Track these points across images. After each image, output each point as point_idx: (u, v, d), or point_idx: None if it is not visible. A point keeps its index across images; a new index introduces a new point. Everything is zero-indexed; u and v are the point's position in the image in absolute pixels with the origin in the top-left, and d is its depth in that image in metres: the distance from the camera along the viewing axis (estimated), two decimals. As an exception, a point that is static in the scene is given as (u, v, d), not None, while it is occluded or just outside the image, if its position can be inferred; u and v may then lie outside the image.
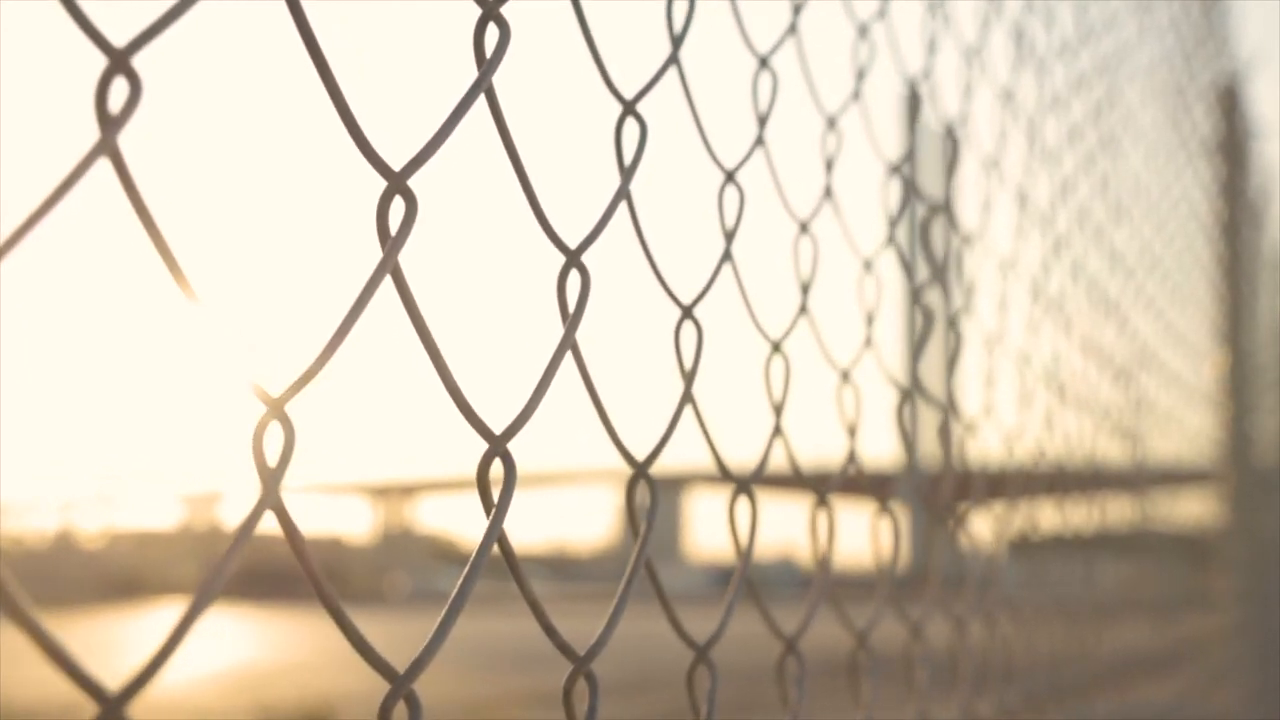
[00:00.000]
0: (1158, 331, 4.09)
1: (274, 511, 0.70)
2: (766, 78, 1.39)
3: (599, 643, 0.98)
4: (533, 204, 0.97)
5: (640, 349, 47.78)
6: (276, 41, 5.46)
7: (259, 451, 0.69)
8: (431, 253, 1.16)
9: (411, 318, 0.83)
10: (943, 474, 2.09)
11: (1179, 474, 5.08)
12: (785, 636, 1.36)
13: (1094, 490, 3.30)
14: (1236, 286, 5.56)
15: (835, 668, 1.76)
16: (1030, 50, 2.45)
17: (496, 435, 0.90)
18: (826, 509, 1.48)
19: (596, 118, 1.13)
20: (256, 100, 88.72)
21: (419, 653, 0.80)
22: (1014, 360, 2.43)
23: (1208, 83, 4.92)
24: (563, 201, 1.09)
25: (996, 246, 2.30)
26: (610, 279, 1.16)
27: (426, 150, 0.83)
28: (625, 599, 1.02)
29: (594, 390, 1.03)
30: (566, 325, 0.98)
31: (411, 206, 0.81)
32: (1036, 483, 2.66)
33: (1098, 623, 3.35)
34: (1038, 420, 2.64)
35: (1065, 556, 3.34)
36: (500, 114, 0.93)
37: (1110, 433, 3.43)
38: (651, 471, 1.13)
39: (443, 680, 15.20)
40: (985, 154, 2.22)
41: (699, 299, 1.21)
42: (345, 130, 0.80)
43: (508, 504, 0.88)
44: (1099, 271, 3.24)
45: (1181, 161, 4.43)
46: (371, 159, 0.81)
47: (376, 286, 0.77)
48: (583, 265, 1.01)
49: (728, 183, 1.29)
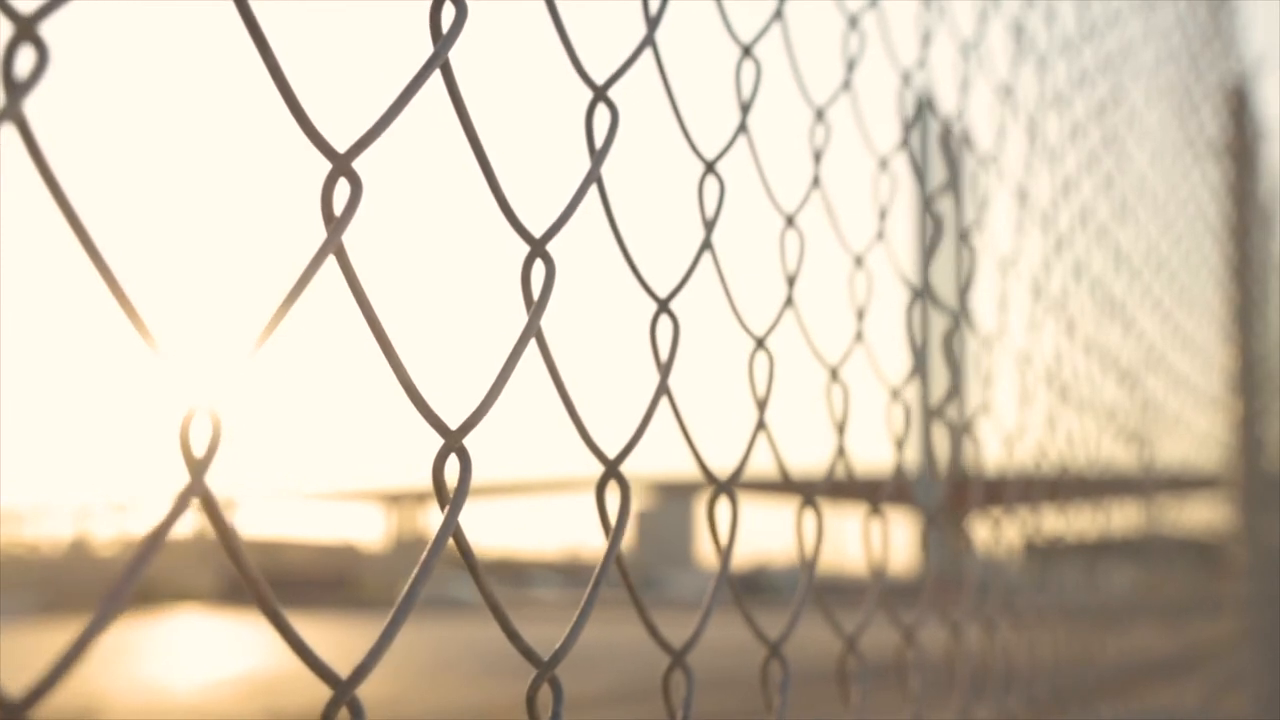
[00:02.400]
0: (1166, 334, 4.05)
1: (201, 502, 0.67)
2: (750, 67, 1.36)
3: (563, 648, 0.95)
4: (495, 191, 0.94)
5: (619, 344, 47.55)
6: (220, 18, 5.25)
7: (186, 442, 0.66)
8: (396, 244, 1.13)
9: (360, 305, 0.80)
10: (956, 480, 2.07)
11: (1189, 478, 5.04)
12: (770, 641, 1.32)
13: (1104, 495, 3.27)
14: (1247, 290, 5.52)
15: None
16: (1030, 46, 2.41)
17: (452, 430, 0.87)
18: (814, 511, 1.45)
19: (566, 104, 1.10)
20: (203, 80, 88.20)
21: (363, 658, 0.77)
22: (1015, 360, 2.39)
23: (1215, 83, 4.87)
24: (532, 190, 1.05)
25: (998, 245, 2.27)
26: (587, 272, 1.14)
27: (373, 131, 0.80)
28: (591, 603, 0.98)
29: (561, 385, 0.99)
30: (530, 314, 0.95)
31: (356, 189, 0.78)
32: (1048, 488, 2.63)
33: (1108, 628, 3.32)
34: (1046, 425, 2.61)
35: (1076, 562, 3.32)
36: (459, 96, 0.90)
37: (1119, 436, 3.40)
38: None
39: (450, 685, 15.19)
40: (984, 151, 2.19)
41: (675, 291, 1.19)
42: (288, 110, 0.77)
43: (462, 500, 0.84)
44: (1105, 274, 3.20)
45: (1189, 161, 4.38)
46: (315, 139, 0.78)
47: (317, 269, 0.74)
48: (547, 254, 0.97)
49: (708, 173, 1.26)
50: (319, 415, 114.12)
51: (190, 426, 0.66)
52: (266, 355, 0.71)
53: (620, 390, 9.80)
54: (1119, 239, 3.36)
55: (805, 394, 1.64)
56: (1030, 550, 2.85)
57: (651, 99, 1.23)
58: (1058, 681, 2.64)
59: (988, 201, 2.19)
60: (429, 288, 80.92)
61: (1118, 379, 3.36)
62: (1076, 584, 3.34)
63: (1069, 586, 3.27)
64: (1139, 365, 3.67)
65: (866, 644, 1.55)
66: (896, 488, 1.67)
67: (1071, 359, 2.82)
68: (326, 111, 0.80)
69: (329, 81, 39.69)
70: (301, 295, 0.72)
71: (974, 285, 2.15)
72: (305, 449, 75.03)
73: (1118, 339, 3.35)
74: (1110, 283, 3.27)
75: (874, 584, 1.57)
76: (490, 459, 74.06)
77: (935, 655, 2.00)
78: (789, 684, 1.29)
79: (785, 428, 1.43)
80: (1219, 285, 5.30)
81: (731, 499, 1.23)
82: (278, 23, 0.79)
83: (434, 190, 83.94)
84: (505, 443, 45.08)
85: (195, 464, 0.65)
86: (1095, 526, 3.27)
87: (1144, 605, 4.31)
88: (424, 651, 21.64)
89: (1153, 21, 3.61)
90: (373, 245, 0.81)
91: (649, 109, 1.24)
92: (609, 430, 1.12)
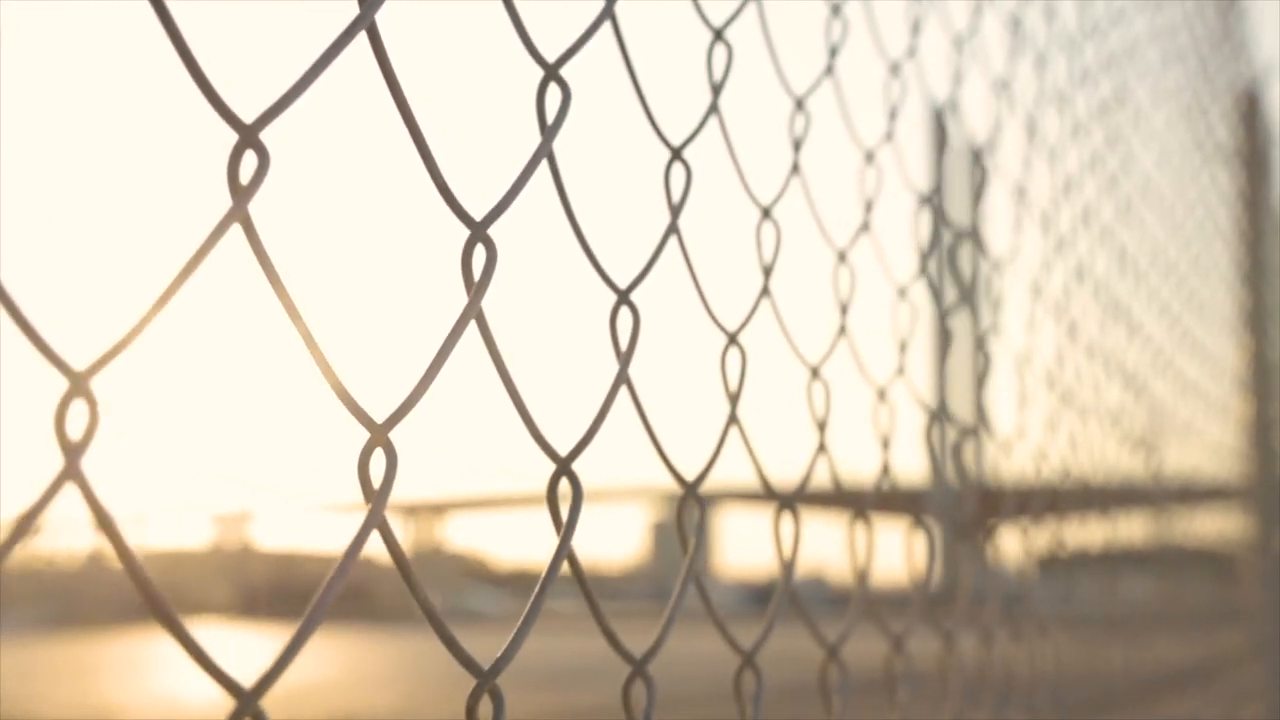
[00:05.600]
0: (1175, 339, 3.99)
1: (99, 524, 0.62)
2: (721, 50, 1.31)
3: (503, 658, 0.90)
4: (432, 171, 0.89)
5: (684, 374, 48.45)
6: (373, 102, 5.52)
7: (60, 431, 0.61)
8: (321, 222, 1.11)
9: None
10: (972, 492, 2.05)
11: (1205, 489, 5.00)
12: (743, 651, 1.27)
13: (1121, 506, 3.25)
14: (1260, 297, 5.46)
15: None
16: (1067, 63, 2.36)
17: (378, 424, 0.82)
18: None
19: (519, 83, 1.05)
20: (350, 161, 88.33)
21: (268, 668, 0.72)
22: (1025, 371, 2.34)
23: (1224, 85, 4.81)
24: (480, 174, 1.01)
25: (1023, 267, 2.24)
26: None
27: (284, 100, 0.75)
28: (536, 611, 0.93)
29: (507, 375, 0.95)
30: (470, 298, 0.90)
31: (264, 161, 0.73)
32: (1063, 499, 2.60)
33: (1124, 638, 3.29)
34: (1063, 438, 2.58)
35: (1093, 573, 3.29)
36: (389, 65, 0.85)
37: (1135, 447, 3.35)
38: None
39: (460, 698, 15.10)
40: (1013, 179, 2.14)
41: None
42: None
43: (386, 497, 0.80)
44: (1120, 288, 3.15)
45: (1198, 164, 4.32)
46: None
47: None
48: (489, 239, 0.92)
49: (674, 160, 1.22)
50: (334, 427, 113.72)
51: (67, 409, 0.62)
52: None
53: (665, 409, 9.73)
54: (1142, 266, 3.31)
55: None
56: (1049, 561, 2.83)
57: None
58: (1076, 692, 2.61)
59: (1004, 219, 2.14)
60: (365, 275, 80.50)
61: (1134, 391, 3.31)
62: (1095, 595, 3.31)
63: (1087, 597, 3.24)
64: (1151, 372, 3.62)
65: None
66: (886, 495, 1.63)
67: (1085, 369, 2.77)
68: (236, 82, 0.75)
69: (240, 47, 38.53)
70: (201, 265, 0.68)
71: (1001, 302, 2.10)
72: (320, 460, 74.73)
73: (1125, 342, 3.30)
74: (1119, 290, 3.22)
75: (859, 591, 1.53)
76: (500, 470, 74.07)
77: (969, 665, 1.98)
78: (762, 694, 1.24)
79: (761, 430, 1.39)
80: (1233, 294, 5.24)
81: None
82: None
83: (365, 169, 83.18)
84: (517, 454, 45.34)
85: (70, 447, 0.61)
86: (1112, 537, 3.24)
87: (1161, 616, 4.27)
88: (438, 663, 21.55)
89: (1158, 21, 3.55)
90: (293, 224, 0.78)
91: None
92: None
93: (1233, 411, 5.19)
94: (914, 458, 2.14)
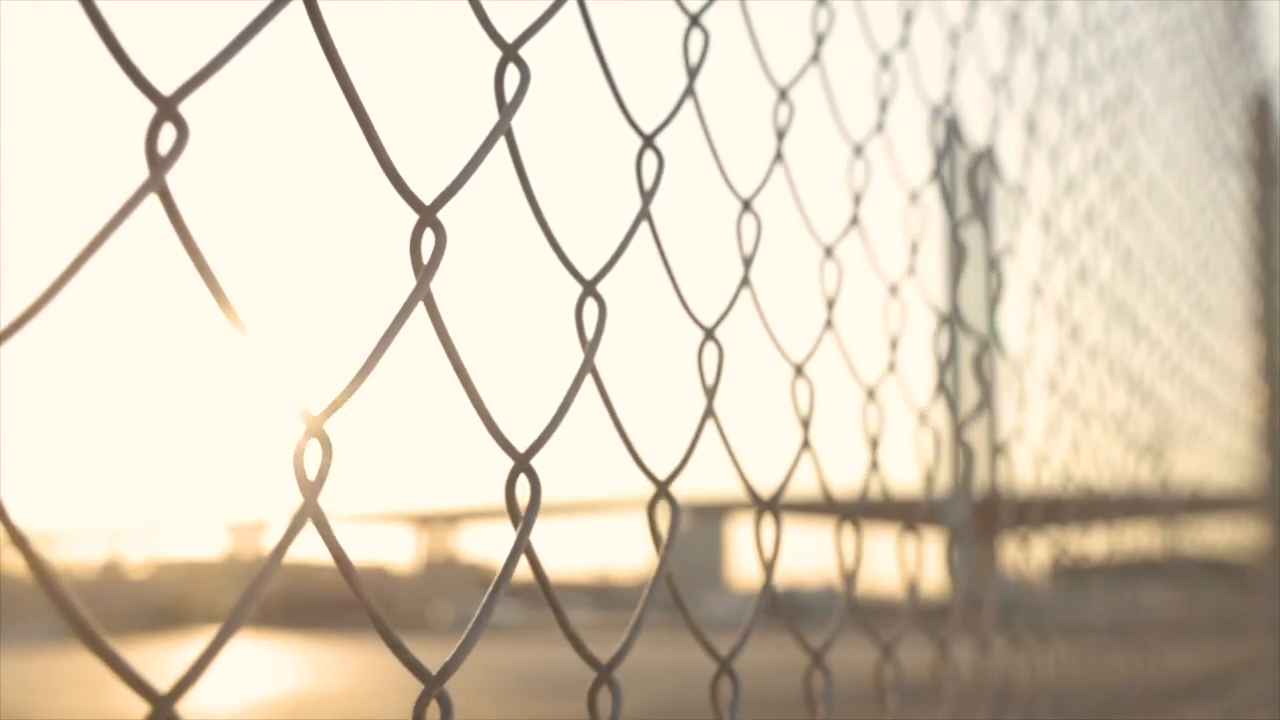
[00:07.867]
0: (1183, 345, 3.95)
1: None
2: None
3: (452, 662, 0.86)
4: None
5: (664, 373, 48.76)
6: (309, 81, 5.42)
7: None
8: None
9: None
10: (989, 501, 2.04)
11: (1222, 499, 4.97)
12: (720, 657, 1.23)
13: (1138, 516, 3.23)
14: (1271, 303, 5.41)
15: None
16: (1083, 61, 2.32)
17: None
18: (775, 522, 1.37)
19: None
20: (287, 133, 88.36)
21: (183, 674, 0.68)
22: (1025, 371, 2.30)
23: (1234, 88, 4.75)
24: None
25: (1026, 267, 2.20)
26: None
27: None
28: (489, 612, 0.89)
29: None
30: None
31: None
32: (1084, 509, 2.57)
33: (1139, 647, 3.27)
34: (1085, 451, 2.55)
35: (1105, 581, 3.28)
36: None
37: (1143, 453, 3.31)
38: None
39: (483, 706, 15.09)
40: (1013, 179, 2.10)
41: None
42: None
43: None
44: (1116, 282, 3.11)
45: (1207, 166, 4.27)
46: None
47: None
48: (438, 221, 0.88)
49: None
50: (350, 437, 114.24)
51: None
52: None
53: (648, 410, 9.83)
54: (1149, 269, 3.27)
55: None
56: (1060, 570, 2.81)
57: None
58: (1093, 700, 2.60)
59: (1018, 225, 2.12)
60: (313, 261, 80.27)
61: (1141, 399, 3.28)
62: (1107, 604, 3.28)
63: (1099, 606, 3.22)
64: (1161, 380, 3.58)
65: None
66: (900, 505, 1.59)
67: (1100, 380, 2.74)
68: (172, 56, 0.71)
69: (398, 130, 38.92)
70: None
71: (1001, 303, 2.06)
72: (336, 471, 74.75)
73: (1132, 349, 3.26)
74: (1131, 299, 3.18)
75: (842, 597, 1.49)
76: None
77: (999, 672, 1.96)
78: (739, 701, 1.20)
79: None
80: (1249, 308, 5.19)
81: (672, 505, 1.16)
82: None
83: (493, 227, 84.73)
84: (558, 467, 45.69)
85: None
86: (1124, 546, 3.22)
87: (1174, 625, 4.24)
88: (458, 673, 21.43)
89: (1164, 19, 3.50)
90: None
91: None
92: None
93: (1243, 417, 5.14)
94: (935, 467, 2.12)
